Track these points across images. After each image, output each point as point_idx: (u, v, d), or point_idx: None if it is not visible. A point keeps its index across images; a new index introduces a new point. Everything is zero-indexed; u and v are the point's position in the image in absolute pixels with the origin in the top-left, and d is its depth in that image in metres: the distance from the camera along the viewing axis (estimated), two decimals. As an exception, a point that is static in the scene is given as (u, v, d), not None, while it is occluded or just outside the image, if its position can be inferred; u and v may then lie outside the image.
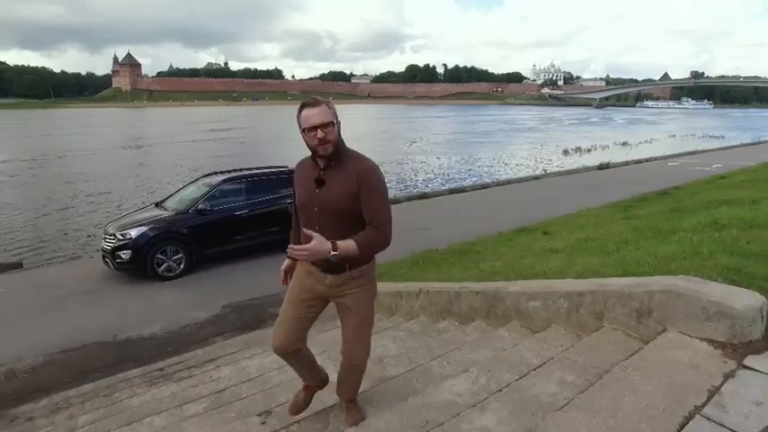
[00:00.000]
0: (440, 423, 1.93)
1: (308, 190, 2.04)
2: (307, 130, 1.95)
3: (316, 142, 1.94)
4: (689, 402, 1.79)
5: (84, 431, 2.82)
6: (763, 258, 3.57)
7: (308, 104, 1.96)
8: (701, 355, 2.13)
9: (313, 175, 2.03)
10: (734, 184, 11.51)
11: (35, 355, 4.74)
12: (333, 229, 1.98)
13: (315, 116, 1.93)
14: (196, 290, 6.50)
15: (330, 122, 1.94)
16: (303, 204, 2.09)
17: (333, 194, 1.99)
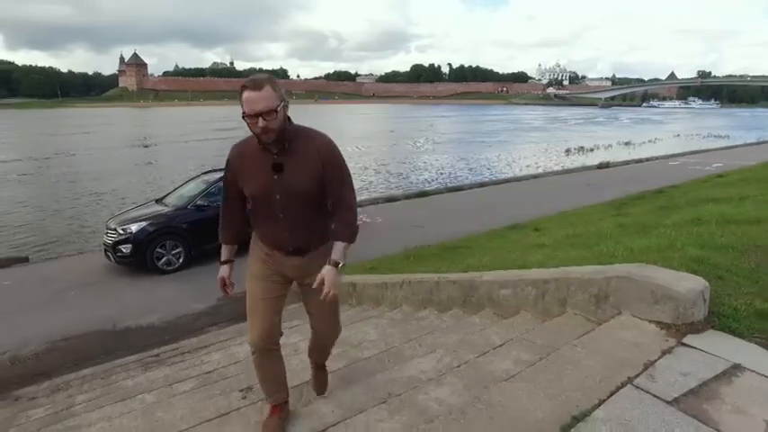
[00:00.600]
0: (398, 394, 2.11)
1: (265, 177, 1.88)
2: (247, 116, 1.76)
3: (258, 131, 1.78)
4: (624, 374, 1.96)
5: (81, 407, 3.01)
6: (731, 250, 3.73)
7: (249, 87, 1.75)
8: (645, 334, 2.30)
9: (267, 161, 1.87)
10: (728, 182, 11.61)
11: (38, 343, 4.96)
12: (298, 215, 1.93)
13: (256, 101, 1.74)
14: (194, 283, 6.71)
15: (272, 110, 1.75)
16: (261, 193, 1.91)
17: (296, 178, 1.87)
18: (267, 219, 1.96)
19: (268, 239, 2.03)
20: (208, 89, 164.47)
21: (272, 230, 1.98)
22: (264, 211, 1.94)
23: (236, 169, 1.95)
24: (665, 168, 18.22)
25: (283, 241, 1.98)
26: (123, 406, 2.81)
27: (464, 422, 1.72)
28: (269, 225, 1.94)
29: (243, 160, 1.93)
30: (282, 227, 1.95)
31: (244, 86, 1.77)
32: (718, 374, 1.93)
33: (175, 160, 25.24)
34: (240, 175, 1.94)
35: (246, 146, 1.94)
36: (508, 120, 75.54)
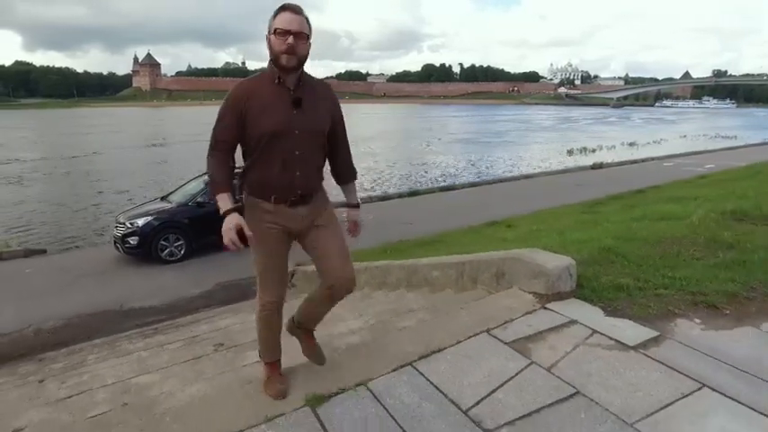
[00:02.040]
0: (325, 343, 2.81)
1: (284, 112, 1.86)
2: (278, 33, 1.78)
3: (283, 48, 1.78)
4: (486, 326, 2.64)
5: (92, 361, 3.76)
6: (642, 241, 4.38)
7: (290, 8, 1.80)
8: (521, 301, 2.98)
9: (284, 96, 1.87)
10: (704, 183, 12.16)
11: (57, 319, 5.75)
12: (310, 154, 1.94)
13: (292, 20, 1.79)
14: (193, 271, 7.49)
15: (305, 35, 1.82)
16: (278, 129, 1.85)
17: (315, 114, 1.92)
18: (278, 160, 1.88)
19: (275, 186, 1.92)
20: (220, 89, 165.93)
21: (282, 173, 1.89)
22: (278, 151, 1.87)
23: (244, 108, 1.85)
24: (658, 169, 18.67)
25: (294, 183, 1.92)
26: (123, 359, 3.55)
27: (354, 353, 2.42)
28: (280, 167, 1.88)
29: (253, 97, 1.86)
30: (296, 167, 1.90)
31: (284, 7, 1.79)
32: (554, 326, 2.61)
33: (187, 160, 26.13)
34: (249, 113, 1.85)
35: (256, 83, 1.91)
36: (518, 120, 75.54)
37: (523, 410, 1.91)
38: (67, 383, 3.08)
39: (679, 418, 1.87)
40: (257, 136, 1.87)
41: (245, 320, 4.16)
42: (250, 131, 1.87)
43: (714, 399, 1.98)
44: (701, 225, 5.05)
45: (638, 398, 1.99)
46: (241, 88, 1.91)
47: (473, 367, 2.23)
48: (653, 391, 2.02)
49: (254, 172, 1.94)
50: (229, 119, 1.89)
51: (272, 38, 1.80)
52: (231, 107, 1.89)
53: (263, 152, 1.89)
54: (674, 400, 1.97)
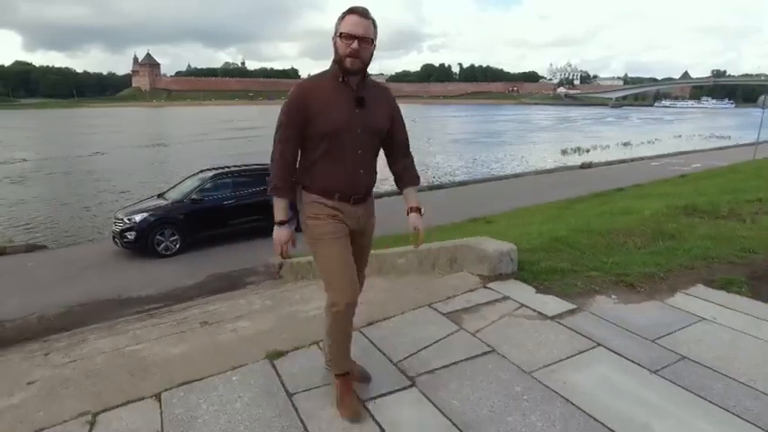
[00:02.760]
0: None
1: (347, 111, 1.86)
2: (343, 36, 1.80)
3: (347, 51, 1.80)
4: (429, 301, 3.07)
5: (92, 339, 4.19)
6: (593, 232, 4.82)
7: (358, 11, 1.82)
8: (466, 282, 3.41)
9: (347, 95, 1.87)
10: (681, 182, 12.60)
11: (59, 307, 6.17)
12: (371, 154, 1.97)
13: (359, 25, 1.80)
14: (187, 264, 7.91)
15: (370, 39, 1.83)
16: (341, 128, 1.86)
17: (377, 114, 1.94)
18: (341, 158, 1.89)
19: (338, 184, 1.91)
20: (219, 89, 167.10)
21: (346, 171, 1.91)
22: (340, 149, 1.88)
23: (306, 106, 1.86)
24: (644, 168, 19.09)
25: (357, 182, 1.94)
26: (120, 336, 3.97)
27: (314, 321, 2.85)
28: (343, 164, 1.89)
29: (316, 96, 1.87)
30: (358, 165, 1.92)
31: (352, 10, 1.81)
32: (489, 301, 3.04)
33: (187, 159, 26.52)
34: (312, 111, 1.85)
35: (318, 82, 1.92)
36: (517, 120, 75.76)
37: (443, 363, 2.34)
38: (70, 355, 3.49)
39: (569, 368, 2.29)
40: (320, 134, 1.85)
41: (234, 305, 4.58)
42: (313, 129, 1.85)
43: (603, 354, 2.41)
44: (651, 219, 5.51)
45: (540, 354, 2.41)
46: (303, 87, 1.91)
47: (410, 332, 2.66)
48: (554, 350, 2.45)
49: (317, 170, 1.91)
50: (293, 117, 1.87)
51: (337, 40, 1.82)
52: (294, 106, 1.87)
53: (327, 150, 1.87)
54: (569, 355, 2.40)
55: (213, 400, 2.10)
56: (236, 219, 8.99)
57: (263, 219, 9.02)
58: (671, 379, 2.21)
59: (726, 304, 3.03)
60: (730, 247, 4.28)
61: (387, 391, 2.13)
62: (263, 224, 9.03)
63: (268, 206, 8.12)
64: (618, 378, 2.23)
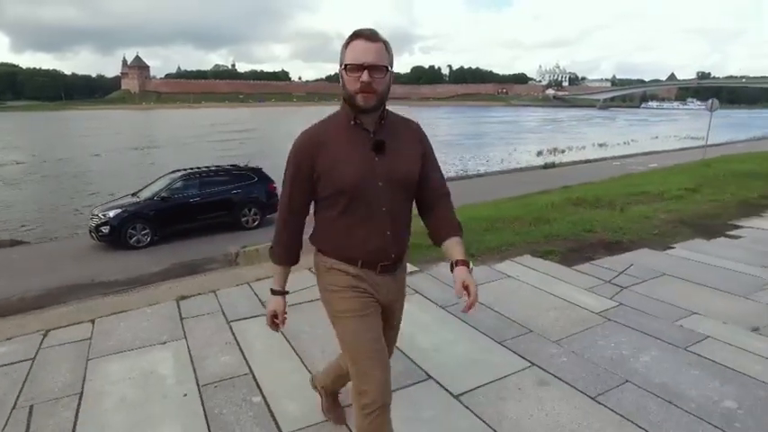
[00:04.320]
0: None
1: (364, 160, 1.51)
2: (349, 69, 1.44)
3: (357, 87, 1.44)
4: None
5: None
6: (480, 220, 5.83)
7: (364, 35, 1.45)
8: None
9: (363, 140, 1.52)
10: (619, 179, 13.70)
11: (38, 290, 7.10)
12: (400, 209, 1.59)
13: (367, 51, 1.43)
14: (156, 255, 8.85)
15: (383, 67, 1.45)
16: (359, 182, 1.50)
17: (401, 160, 1.56)
18: (363, 218, 1.54)
19: (360, 249, 1.56)
20: (209, 91, 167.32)
21: (369, 233, 1.55)
22: (360, 208, 1.53)
23: (314, 160, 1.52)
24: (603, 168, 20.19)
25: (385, 245, 1.57)
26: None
27: (219, 278, 3.83)
28: (365, 226, 1.54)
29: (325, 146, 1.53)
30: (385, 225, 1.55)
31: (357, 34, 1.46)
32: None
33: (175, 162, 27.34)
34: (322, 166, 1.52)
35: (325, 128, 1.58)
36: (504, 121, 76.61)
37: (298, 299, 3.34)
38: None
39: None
40: (333, 192, 1.51)
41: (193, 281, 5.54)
42: (323, 187, 1.52)
43: (416, 298, 3.42)
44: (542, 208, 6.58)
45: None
46: (307, 137, 1.56)
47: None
48: (382, 294, 3.46)
49: (334, 232, 1.57)
50: (298, 175, 1.55)
51: (343, 73, 1.46)
52: (298, 160, 1.55)
53: (344, 210, 1.52)
54: (390, 297, 3.41)
55: (130, 322, 3.10)
56: (202, 214, 9.93)
57: (226, 214, 10.05)
58: (454, 313, 3.21)
59: (535, 267, 4.07)
60: (580, 227, 5.36)
61: (245, 314, 3.13)
62: (226, 219, 10.07)
63: (231, 203, 9.28)
64: (417, 312, 3.23)
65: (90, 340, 2.90)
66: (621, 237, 5.01)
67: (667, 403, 2.21)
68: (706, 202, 6.76)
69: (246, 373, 2.50)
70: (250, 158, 12.52)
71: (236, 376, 2.48)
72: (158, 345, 2.82)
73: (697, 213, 6.13)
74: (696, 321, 3.04)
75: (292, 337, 2.87)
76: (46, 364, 2.66)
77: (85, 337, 2.92)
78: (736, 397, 2.25)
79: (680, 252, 4.53)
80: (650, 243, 4.81)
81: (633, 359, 2.60)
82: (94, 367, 2.60)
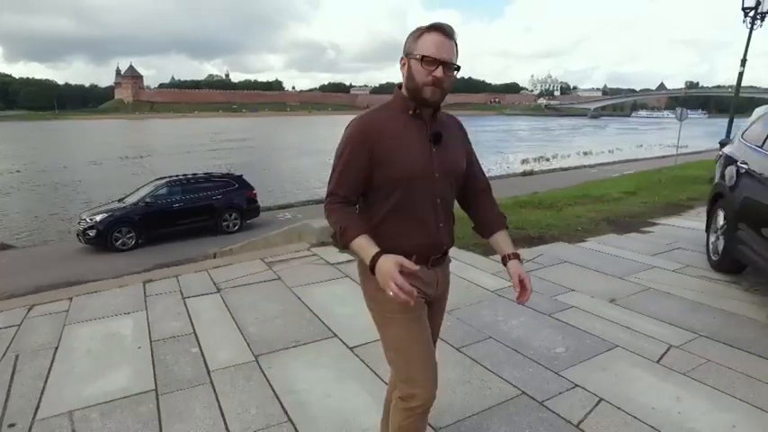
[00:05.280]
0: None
1: (422, 151, 1.50)
2: (425, 61, 1.41)
3: (428, 80, 1.42)
4: (265, 256, 4.69)
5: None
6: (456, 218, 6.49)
7: (443, 29, 1.43)
8: (300, 246, 5.04)
9: (421, 131, 1.51)
10: (583, 185, 14.43)
11: (27, 288, 7.67)
12: (450, 201, 1.61)
13: (444, 48, 1.42)
14: (140, 256, 9.45)
15: (456, 66, 1.46)
16: (418, 173, 1.49)
17: (454, 152, 1.59)
18: (418, 210, 1.52)
19: (415, 243, 1.53)
20: (203, 101, 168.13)
21: (424, 226, 1.54)
22: (416, 199, 1.51)
23: (373, 146, 1.46)
24: (579, 175, 20.89)
25: (438, 239, 1.57)
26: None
27: (184, 268, 4.46)
28: (420, 218, 1.52)
29: (384, 134, 1.48)
30: (439, 217, 1.55)
31: (435, 27, 1.44)
32: (301, 257, 4.68)
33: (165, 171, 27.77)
34: (381, 154, 1.47)
35: (385, 115, 1.53)
36: (496, 130, 77.15)
37: (244, 282, 3.97)
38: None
39: (316, 286, 3.94)
40: (392, 180, 1.49)
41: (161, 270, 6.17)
42: (381, 174, 1.49)
43: (344, 281, 4.06)
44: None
45: (303, 280, 4.06)
46: (368, 121, 1.53)
47: (239, 271, 4.30)
48: (315, 278, 4.10)
49: (387, 227, 1.52)
50: (354, 162, 1.49)
51: (413, 64, 1.45)
52: (357, 146, 1.49)
53: (399, 201, 1.50)
54: (321, 280, 4.06)
55: (102, 299, 3.73)
56: (185, 219, 10.56)
57: (208, 219, 10.69)
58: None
59: (457, 257, 4.71)
60: (513, 226, 5.98)
61: (198, 293, 3.77)
62: (208, 224, 10.71)
63: (212, 209, 10.13)
64: (340, 291, 3.86)
65: (67, 312, 3.52)
66: (546, 233, 5.68)
67: (513, 351, 2.86)
68: (637, 204, 7.46)
69: (190, 333, 3.13)
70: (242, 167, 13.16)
71: (182, 335, 3.11)
72: (123, 315, 3.45)
73: (625, 213, 6.81)
74: (570, 296, 3.70)
75: (234, 309, 3.51)
76: (29, 329, 3.28)
77: (63, 310, 3.55)
78: (567, 345, 2.91)
79: (589, 244, 5.20)
80: (568, 238, 5.48)
81: (503, 323, 3.25)
82: (69, 331, 3.22)
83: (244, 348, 2.92)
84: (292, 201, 15.68)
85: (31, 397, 2.47)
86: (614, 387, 2.46)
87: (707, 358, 2.72)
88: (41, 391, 2.52)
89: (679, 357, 2.75)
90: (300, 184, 22.43)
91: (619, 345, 2.91)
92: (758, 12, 9.44)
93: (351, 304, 3.53)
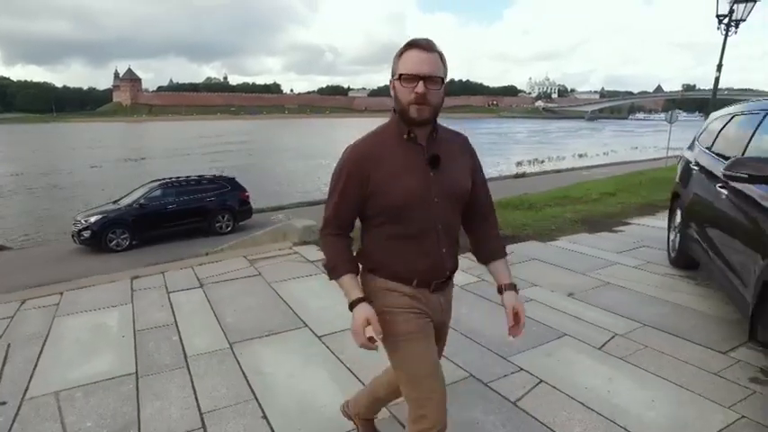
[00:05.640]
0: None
1: (420, 175, 1.46)
2: (404, 79, 1.39)
3: (411, 98, 1.38)
4: (249, 254, 4.92)
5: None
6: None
7: (419, 45, 1.39)
8: (284, 245, 5.27)
9: (417, 154, 1.47)
10: (570, 186, 14.69)
11: (23, 286, 7.87)
12: (453, 226, 1.56)
13: (423, 62, 1.38)
14: (133, 257, 9.67)
15: (439, 78, 1.40)
16: (415, 198, 1.45)
17: (455, 175, 1.52)
18: (419, 235, 1.49)
19: (416, 267, 1.52)
20: (202, 104, 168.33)
21: (425, 251, 1.51)
22: (415, 226, 1.48)
23: (368, 175, 1.45)
24: (570, 177, 21.26)
25: (441, 262, 1.54)
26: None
27: (167, 266, 4.70)
28: (421, 244, 1.50)
29: (378, 160, 1.46)
30: (441, 242, 1.52)
31: (412, 44, 1.40)
32: (283, 255, 4.91)
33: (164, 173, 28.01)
34: (375, 180, 1.44)
35: (377, 141, 1.50)
36: (495, 133, 77.02)
37: (225, 279, 4.20)
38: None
39: (293, 282, 4.17)
40: (388, 208, 1.46)
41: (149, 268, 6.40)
42: (377, 203, 1.47)
43: (318, 276, 4.28)
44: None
45: (284, 276, 4.29)
46: (360, 149, 1.49)
47: (222, 268, 4.54)
48: (294, 274, 4.33)
49: (387, 251, 1.52)
50: (349, 191, 1.48)
51: (396, 84, 1.43)
52: (350, 175, 1.47)
53: (398, 228, 1.48)
54: (298, 276, 4.29)
55: (91, 294, 3.98)
56: (178, 220, 10.80)
57: (201, 220, 10.92)
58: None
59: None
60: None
61: (182, 288, 4.00)
62: (201, 225, 10.94)
63: (206, 210, 10.39)
64: (315, 286, 4.09)
65: (58, 305, 3.76)
66: (521, 232, 5.92)
67: (468, 339, 3.09)
68: (615, 205, 7.70)
69: (172, 324, 3.36)
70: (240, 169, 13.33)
71: (164, 325, 3.34)
72: (110, 308, 3.68)
73: (601, 213, 7.06)
74: (531, 291, 3.93)
75: (214, 302, 3.74)
76: (22, 320, 3.51)
77: (54, 303, 3.78)
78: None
79: (560, 243, 5.44)
80: (541, 237, 5.72)
81: (465, 315, 3.47)
82: (59, 322, 3.45)
83: (220, 337, 3.15)
84: (285, 203, 15.89)
85: (21, 380, 2.69)
86: (555, 370, 2.70)
87: (645, 344, 2.96)
88: (31, 374, 2.75)
89: (621, 344, 2.99)
90: (296, 186, 22.66)
91: (568, 333, 3.15)
92: (732, 19, 9.71)
93: (324, 298, 3.76)
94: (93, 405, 2.45)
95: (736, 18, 9.70)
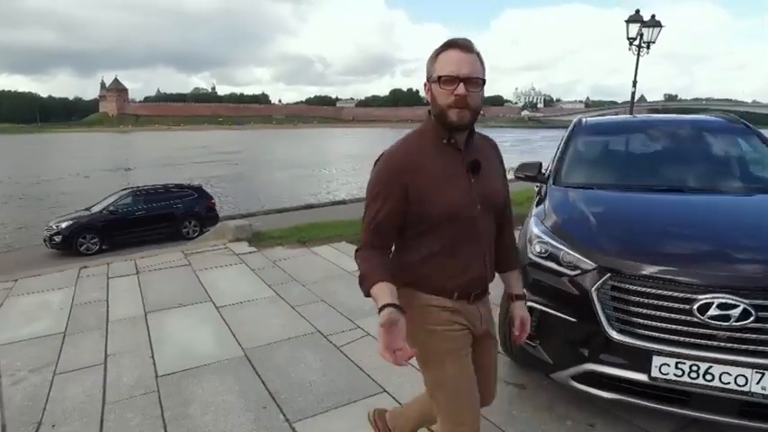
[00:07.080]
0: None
1: (462, 183, 1.38)
2: (443, 81, 1.31)
3: (450, 101, 1.30)
4: (186, 250, 5.75)
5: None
6: (325, 226, 7.56)
7: (458, 44, 1.32)
8: (219, 242, 6.11)
9: (457, 160, 1.39)
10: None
11: None
12: (493, 231, 1.50)
13: (463, 63, 1.30)
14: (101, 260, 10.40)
15: (480, 80, 1.32)
16: (459, 209, 1.37)
17: (493, 181, 1.46)
18: (462, 245, 1.41)
19: (458, 280, 1.43)
20: (189, 114, 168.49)
21: (467, 262, 1.43)
22: (459, 233, 1.40)
23: (408, 184, 1.34)
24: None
25: (485, 272, 1.48)
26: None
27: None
28: (465, 254, 1.42)
29: (419, 167, 1.36)
30: (484, 250, 1.45)
31: (450, 44, 1.33)
32: (214, 249, 5.75)
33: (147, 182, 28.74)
34: (416, 188, 1.35)
35: (416, 147, 1.41)
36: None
37: (162, 267, 5.03)
38: None
39: (216, 270, 5.01)
40: (430, 219, 1.36)
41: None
42: (418, 213, 1.36)
43: (241, 267, 5.13)
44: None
45: (209, 265, 5.12)
46: (397, 158, 1.38)
47: (160, 260, 5.37)
48: (220, 265, 5.17)
49: (429, 265, 1.42)
50: (388, 207, 1.35)
51: (434, 87, 1.33)
52: (389, 184, 1.35)
53: (440, 239, 1.39)
54: (222, 265, 5.12)
55: (42, 281, 4.81)
56: (146, 226, 11.56)
57: (169, 226, 11.69)
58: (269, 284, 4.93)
59: (341, 249, 5.80)
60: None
61: (121, 275, 4.83)
62: (169, 230, 11.69)
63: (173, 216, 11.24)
64: (232, 272, 4.93)
65: (11, 289, 4.57)
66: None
67: (330, 308, 3.94)
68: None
69: (104, 300, 4.20)
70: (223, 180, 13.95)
71: (97, 301, 4.17)
72: (56, 289, 4.51)
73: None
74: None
75: (144, 285, 4.57)
76: (-20, 300, 4.33)
77: (9, 287, 4.60)
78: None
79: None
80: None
81: (339, 293, 4.32)
82: (10, 301, 4.27)
83: (139, 308, 3.99)
84: (253, 210, 16.67)
85: (-25, 338, 3.51)
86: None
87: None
88: (-18, 336, 3.57)
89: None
90: (273, 197, 23.43)
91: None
92: (642, 41, 10.79)
93: (234, 281, 4.60)
94: (24, 353, 3.27)
95: (646, 41, 10.76)
